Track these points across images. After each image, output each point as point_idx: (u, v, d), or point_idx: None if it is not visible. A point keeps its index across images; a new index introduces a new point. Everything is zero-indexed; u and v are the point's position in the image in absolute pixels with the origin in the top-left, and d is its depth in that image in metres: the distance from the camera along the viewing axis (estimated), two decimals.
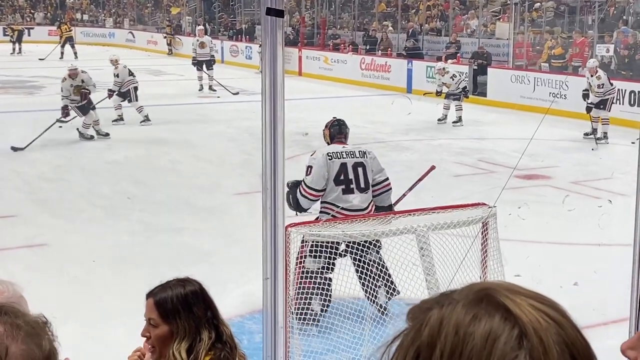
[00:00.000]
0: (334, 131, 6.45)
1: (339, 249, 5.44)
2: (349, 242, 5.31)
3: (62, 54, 29.28)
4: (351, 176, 6.16)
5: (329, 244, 5.34)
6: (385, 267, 5.54)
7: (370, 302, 5.39)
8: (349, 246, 5.38)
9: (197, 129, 14.65)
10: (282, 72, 3.06)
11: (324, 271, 5.44)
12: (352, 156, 6.21)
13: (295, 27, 28.15)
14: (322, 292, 5.49)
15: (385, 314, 5.39)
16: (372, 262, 5.39)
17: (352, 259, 5.48)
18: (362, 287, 5.51)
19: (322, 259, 5.25)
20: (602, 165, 11.90)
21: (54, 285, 6.73)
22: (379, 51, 23.34)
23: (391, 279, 5.52)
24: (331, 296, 5.55)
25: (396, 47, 23.49)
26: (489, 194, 6.09)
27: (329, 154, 6.16)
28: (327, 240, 5.30)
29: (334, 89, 21.39)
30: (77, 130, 13.58)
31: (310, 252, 5.37)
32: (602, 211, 8.48)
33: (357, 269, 5.47)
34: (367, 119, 15.93)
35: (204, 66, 20.58)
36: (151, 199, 10.00)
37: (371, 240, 5.34)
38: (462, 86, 16.09)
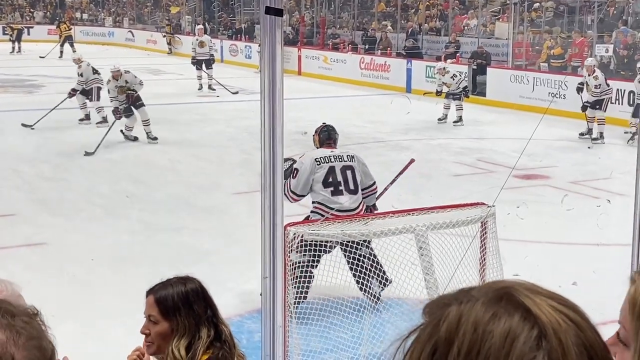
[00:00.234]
0: (323, 137, 6.63)
1: (326, 245, 5.46)
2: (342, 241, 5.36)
3: (62, 53, 29.26)
4: (340, 178, 6.30)
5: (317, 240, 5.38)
6: (376, 259, 5.59)
7: (364, 294, 5.43)
8: (342, 243, 5.41)
9: (197, 128, 14.65)
10: (281, 72, 3.07)
11: (308, 265, 5.43)
12: (341, 160, 6.37)
13: (294, 27, 28.15)
14: (300, 285, 5.46)
15: (378, 303, 5.47)
16: (363, 256, 5.42)
17: (344, 255, 5.52)
18: (355, 280, 5.56)
19: (308, 252, 5.26)
20: (600, 165, 11.90)
21: (53, 284, 6.73)
22: (379, 51, 23.33)
23: (383, 269, 5.58)
24: (307, 292, 5.46)
25: (395, 46, 23.49)
26: (487, 194, 6.08)
27: (317, 159, 6.31)
28: (326, 239, 5.31)
29: (333, 89, 21.39)
30: (121, 131, 13.35)
31: (298, 246, 5.38)
32: (600, 211, 8.49)
33: (350, 264, 5.53)
34: (366, 118, 15.94)
35: (204, 65, 20.56)
36: (150, 198, 10.00)
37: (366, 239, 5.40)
38: (463, 86, 16.10)
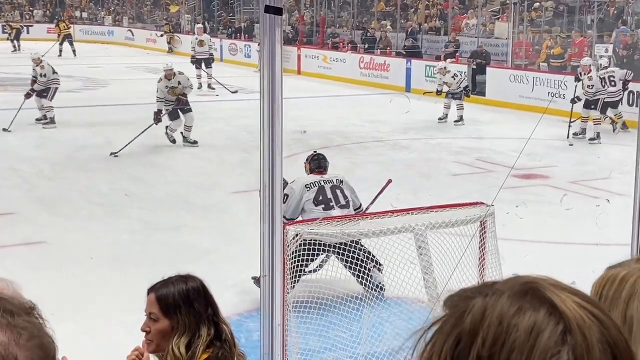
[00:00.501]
0: (313, 165, 6.91)
1: (325, 245, 5.49)
2: (330, 244, 5.41)
3: (61, 52, 29.25)
4: (330, 196, 6.57)
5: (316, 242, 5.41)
6: (367, 251, 5.62)
7: (365, 287, 5.44)
8: (333, 247, 5.44)
9: (196, 127, 14.61)
10: (281, 71, 3.06)
11: (302, 263, 5.42)
12: (330, 182, 6.66)
13: (294, 26, 28.14)
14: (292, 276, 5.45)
15: (383, 290, 5.53)
16: (357, 254, 5.44)
17: (340, 260, 5.57)
18: (356, 277, 5.58)
19: (306, 253, 5.28)
20: (600, 164, 11.90)
21: (52, 283, 6.73)
22: (378, 50, 23.33)
23: (375, 258, 5.60)
24: (296, 282, 5.46)
25: (395, 46, 23.48)
26: (487, 193, 6.09)
27: (307, 185, 6.59)
28: (324, 238, 5.31)
29: (333, 88, 21.38)
30: (166, 131, 13.18)
31: (298, 247, 5.38)
32: (600, 211, 8.49)
33: (347, 267, 5.58)
34: (365, 117, 15.94)
35: (203, 64, 20.56)
36: (150, 197, 10.00)
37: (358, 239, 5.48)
38: (464, 85, 16.11)
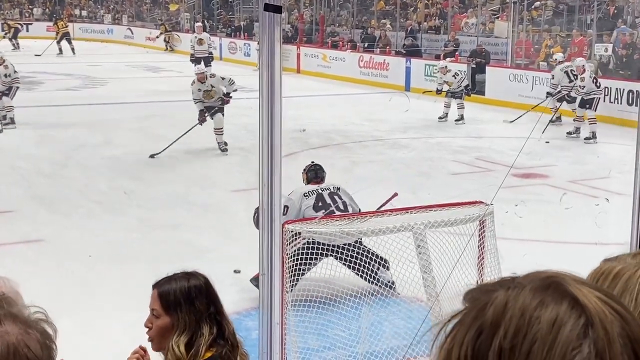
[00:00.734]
0: (310, 176, 7.05)
1: (327, 249, 5.49)
2: (333, 247, 5.42)
3: (60, 50, 29.24)
4: (329, 201, 6.70)
5: (319, 244, 5.44)
6: (370, 251, 5.60)
7: (375, 284, 5.49)
8: (336, 250, 5.45)
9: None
10: (280, 69, 3.05)
11: (303, 266, 5.41)
12: (327, 190, 6.80)
13: (293, 25, 28.12)
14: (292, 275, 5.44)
15: (394, 287, 5.56)
16: (359, 253, 5.44)
17: (341, 262, 5.58)
18: (362, 277, 5.56)
19: (307, 257, 5.28)
20: (599, 164, 11.91)
21: (51, 281, 6.72)
22: (378, 49, 23.32)
23: (379, 256, 5.59)
24: (295, 285, 5.48)
25: (395, 45, 23.47)
26: (486, 192, 6.08)
27: (305, 194, 6.74)
28: (325, 238, 5.31)
29: (332, 87, 21.38)
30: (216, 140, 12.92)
31: (299, 250, 5.38)
32: (599, 210, 8.49)
33: (350, 267, 5.56)
34: (365, 116, 15.93)
35: (202, 63, 20.53)
36: (149, 195, 10.00)
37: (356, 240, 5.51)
38: (464, 84, 16.12)
